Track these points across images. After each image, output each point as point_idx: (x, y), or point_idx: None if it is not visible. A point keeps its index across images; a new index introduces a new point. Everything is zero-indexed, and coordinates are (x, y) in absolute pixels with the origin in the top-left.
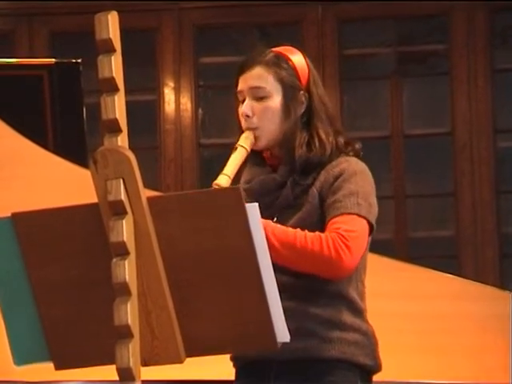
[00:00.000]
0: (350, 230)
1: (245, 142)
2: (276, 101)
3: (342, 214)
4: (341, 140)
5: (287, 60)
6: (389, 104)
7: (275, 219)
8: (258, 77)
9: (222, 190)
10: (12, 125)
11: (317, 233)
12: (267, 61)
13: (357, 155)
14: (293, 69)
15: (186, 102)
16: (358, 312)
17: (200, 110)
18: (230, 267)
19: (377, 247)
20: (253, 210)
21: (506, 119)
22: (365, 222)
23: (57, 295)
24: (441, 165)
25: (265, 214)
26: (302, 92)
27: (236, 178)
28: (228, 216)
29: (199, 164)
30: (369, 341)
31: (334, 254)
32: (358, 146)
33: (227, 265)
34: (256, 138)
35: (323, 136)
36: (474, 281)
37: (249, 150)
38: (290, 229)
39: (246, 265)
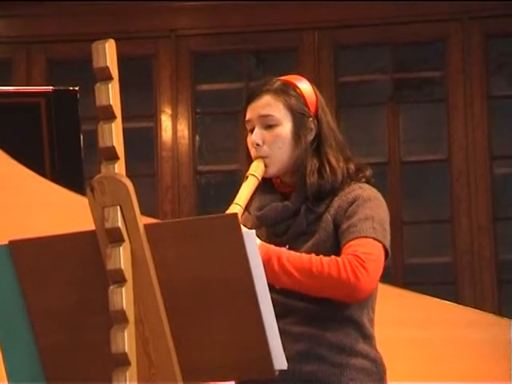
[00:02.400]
0: (367, 252)
1: (255, 171)
2: (286, 128)
3: (358, 237)
4: (352, 167)
5: (295, 88)
6: (385, 131)
7: (287, 246)
8: (267, 105)
9: (219, 217)
10: (9, 152)
11: (333, 257)
12: (275, 89)
13: (368, 182)
14: (301, 96)
15: (183, 129)
16: (367, 338)
17: (197, 137)
18: (228, 294)
19: None
20: (250, 237)
21: (503, 146)
22: (381, 246)
23: (54, 322)
24: (437, 191)
25: (277, 241)
26: (311, 119)
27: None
28: (225, 243)
29: (196, 191)
30: (377, 368)
31: (352, 276)
32: (368, 172)
33: (224, 292)
34: (266, 166)
35: (334, 162)
36: (472, 307)
37: (260, 178)
38: (305, 254)
39: (244, 292)
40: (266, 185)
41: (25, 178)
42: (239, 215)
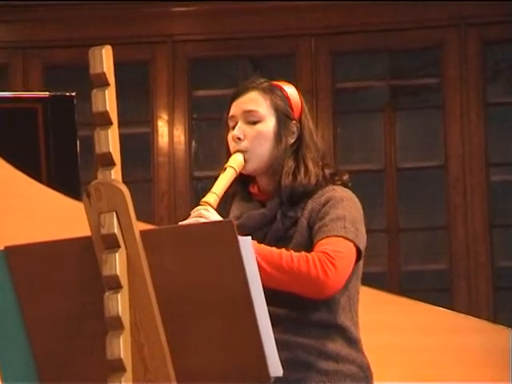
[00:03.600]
0: (336, 250)
1: (234, 163)
2: (269, 126)
3: (329, 236)
4: (327, 171)
5: (281, 90)
6: (382, 137)
7: None
8: (252, 101)
9: (215, 223)
10: (6, 157)
11: (303, 252)
12: (263, 87)
13: (344, 185)
14: (287, 98)
15: (180, 135)
16: (353, 342)
17: (193, 143)
18: (223, 300)
19: (370, 280)
20: (245, 242)
21: (499, 153)
22: (351, 244)
23: (49, 328)
24: (434, 198)
25: None
26: (294, 122)
27: (224, 210)
28: (221, 249)
29: (193, 196)
30: (364, 373)
31: (322, 272)
32: (345, 177)
33: (220, 298)
34: (245, 161)
35: (310, 166)
36: (468, 314)
37: (238, 171)
38: (275, 248)
39: (239, 298)
40: (244, 193)
41: (21, 184)
42: (215, 204)
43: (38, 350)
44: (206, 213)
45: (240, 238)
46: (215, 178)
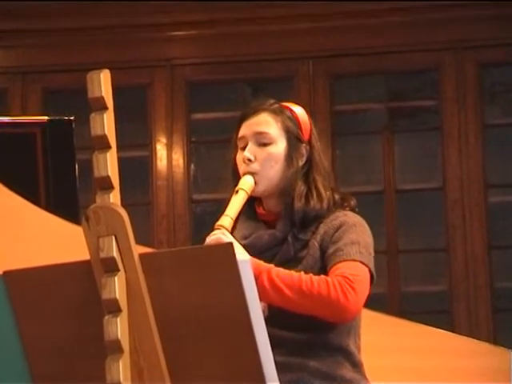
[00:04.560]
0: (354, 274)
1: (245, 186)
2: (280, 148)
3: (345, 260)
4: (337, 196)
5: (291, 112)
6: (381, 159)
7: None
8: (264, 122)
9: (215, 246)
10: (4, 182)
11: (322, 276)
12: (274, 109)
13: (353, 210)
14: (296, 120)
15: (178, 158)
16: (357, 366)
17: (192, 166)
18: (223, 323)
19: (369, 302)
20: (245, 265)
21: (497, 174)
22: (367, 269)
23: (48, 352)
24: (432, 220)
25: None
26: (304, 144)
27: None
28: (220, 271)
29: (191, 220)
30: None
31: (342, 296)
32: (353, 202)
33: (220, 320)
34: (255, 183)
35: (322, 189)
36: (467, 336)
37: (249, 193)
38: (294, 272)
39: (239, 320)
40: (250, 213)
41: (20, 208)
42: (229, 227)
43: (36, 374)
44: (224, 237)
45: (239, 260)
46: (227, 201)
